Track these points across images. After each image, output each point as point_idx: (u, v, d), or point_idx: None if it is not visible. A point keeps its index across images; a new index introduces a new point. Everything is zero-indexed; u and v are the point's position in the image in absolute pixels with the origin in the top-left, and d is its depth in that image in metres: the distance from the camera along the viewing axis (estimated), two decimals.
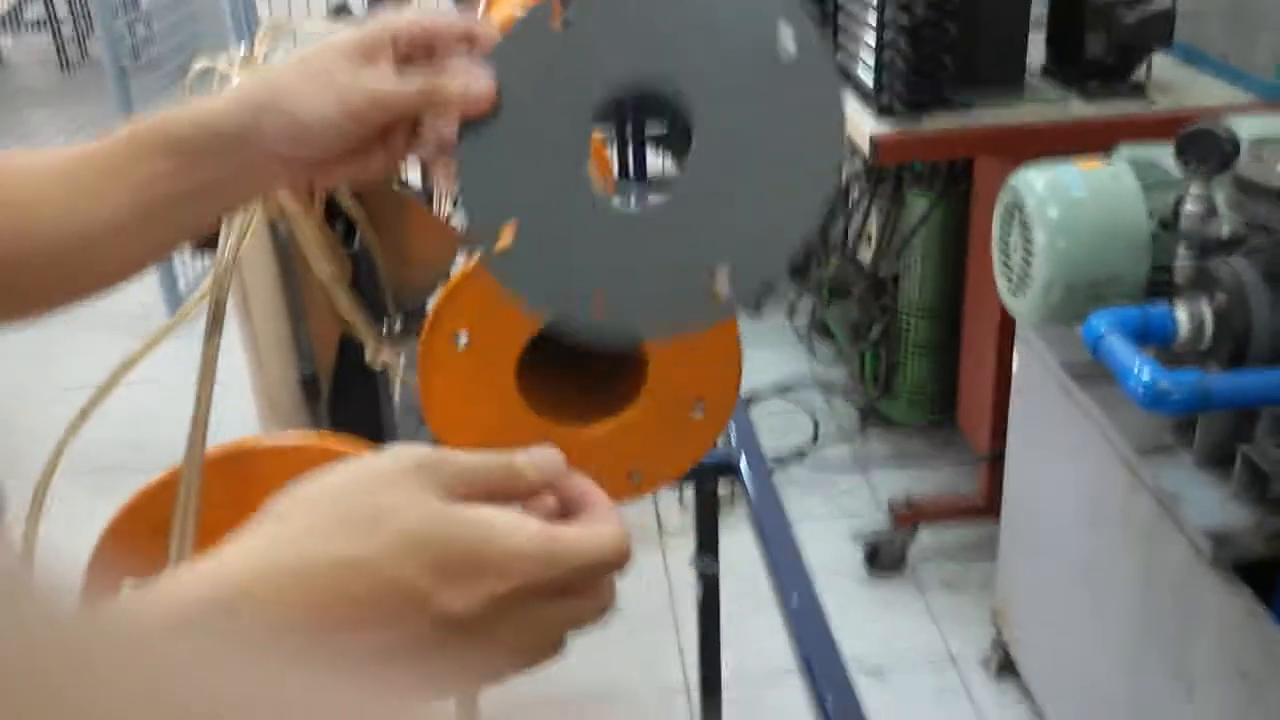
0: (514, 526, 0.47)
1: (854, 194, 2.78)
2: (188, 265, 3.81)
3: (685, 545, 2.10)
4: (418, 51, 0.63)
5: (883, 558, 2.51)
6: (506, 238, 0.61)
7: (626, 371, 0.80)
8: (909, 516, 2.52)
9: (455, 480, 0.48)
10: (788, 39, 0.59)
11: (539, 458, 0.51)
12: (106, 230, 0.64)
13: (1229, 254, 1.48)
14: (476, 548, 0.46)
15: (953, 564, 2.56)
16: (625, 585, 0.54)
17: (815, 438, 2.97)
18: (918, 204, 2.58)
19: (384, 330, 0.95)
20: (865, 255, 2.76)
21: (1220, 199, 1.53)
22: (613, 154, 3.65)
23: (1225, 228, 1.52)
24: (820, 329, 3.24)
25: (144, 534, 0.64)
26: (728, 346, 0.78)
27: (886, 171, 2.61)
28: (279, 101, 0.62)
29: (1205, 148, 1.53)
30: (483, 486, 0.49)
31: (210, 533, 0.65)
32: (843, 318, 2.98)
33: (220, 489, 0.65)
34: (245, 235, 0.69)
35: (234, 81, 0.77)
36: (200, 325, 0.73)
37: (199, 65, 0.80)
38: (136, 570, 0.59)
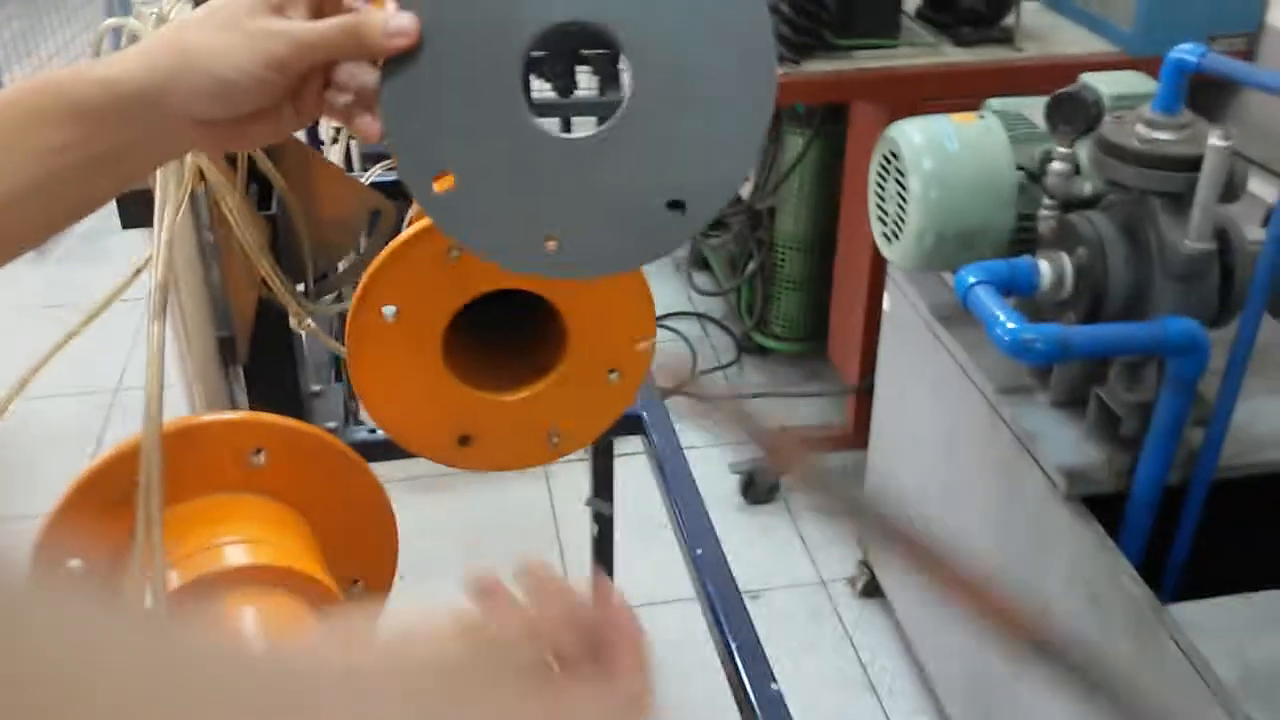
0: None
1: None
2: None
3: (571, 474, 2.15)
4: (328, 4, 0.60)
5: (758, 486, 2.61)
6: (445, 183, 0.59)
7: (547, 341, 0.83)
8: None
9: None
10: None
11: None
12: None
13: (1090, 210, 1.57)
14: None
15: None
16: (513, 518, 0.58)
17: (693, 368, 3.04)
18: (794, 142, 2.64)
19: (302, 293, 0.96)
20: (743, 190, 2.81)
21: (1083, 158, 1.62)
22: None
23: (1087, 185, 1.61)
24: (698, 261, 3.30)
25: (95, 510, 0.65)
26: (643, 318, 0.82)
27: None
28: (193, 59, 0.58)
29: (1072, 110, 1.61)
30: None
31: None
32: (720, 250, 3.05)
33: (165, 464, 0.66)
34: (178, 212, 0.69)
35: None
36: (76, 272, 0.72)
37: (108, 23, 0.78)
38: (87, 547, 0.60)
